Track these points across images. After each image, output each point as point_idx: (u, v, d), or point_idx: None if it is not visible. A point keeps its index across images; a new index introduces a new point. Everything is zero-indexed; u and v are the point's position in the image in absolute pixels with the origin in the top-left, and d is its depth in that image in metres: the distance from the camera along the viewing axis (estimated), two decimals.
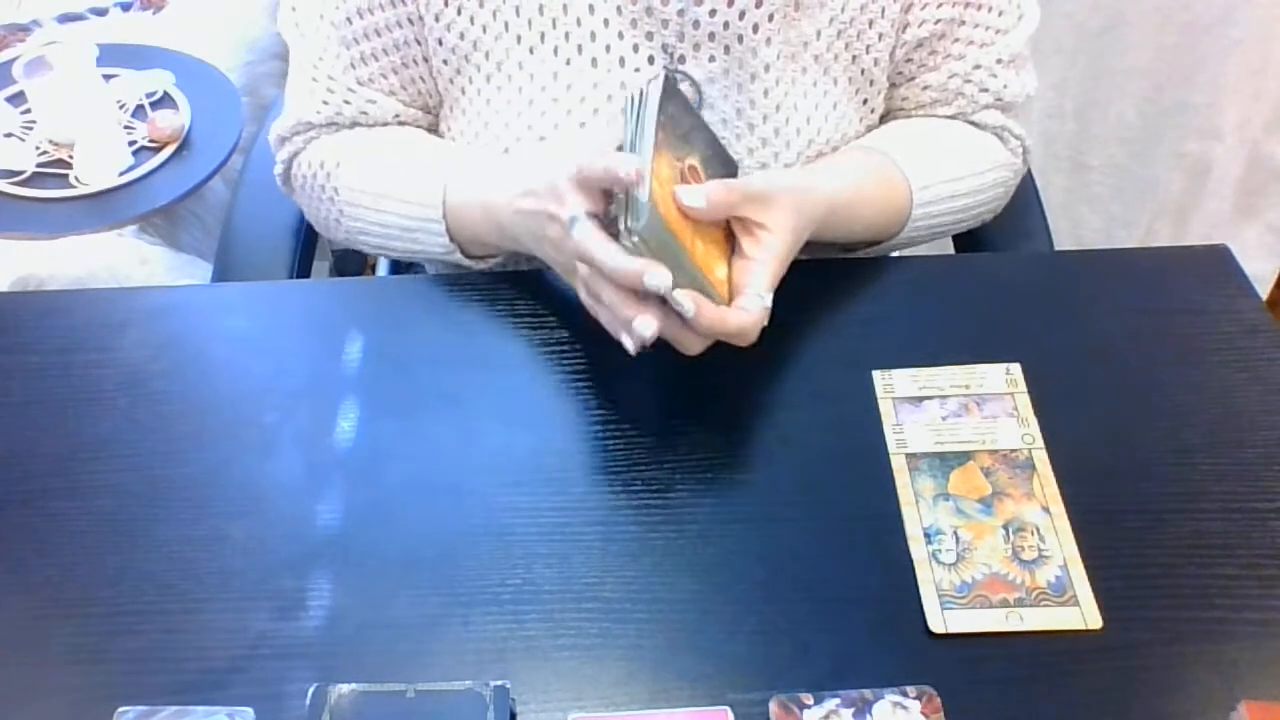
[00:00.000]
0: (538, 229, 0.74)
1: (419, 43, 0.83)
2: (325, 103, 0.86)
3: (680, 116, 0.73)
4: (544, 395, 0.75)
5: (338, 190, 0.86)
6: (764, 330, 0.71)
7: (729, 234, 0.73)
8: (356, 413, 0.74)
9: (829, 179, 0.80)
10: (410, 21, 0.82)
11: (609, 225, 0.69)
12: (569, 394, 0.76)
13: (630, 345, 0.69)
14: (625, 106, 0.71)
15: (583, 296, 0.73)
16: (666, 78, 0.71)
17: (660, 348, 0.71)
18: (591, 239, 0.68)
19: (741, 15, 0.79)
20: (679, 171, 0.71)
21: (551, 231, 0.72)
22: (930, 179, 0.85)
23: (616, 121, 0.72)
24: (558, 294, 0.81)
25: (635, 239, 0.66)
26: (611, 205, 0.70)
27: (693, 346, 0.70)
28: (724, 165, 0.77)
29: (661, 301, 0.67)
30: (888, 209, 0.84)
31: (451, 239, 0.81)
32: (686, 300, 0.66)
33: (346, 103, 0.86)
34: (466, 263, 0.84)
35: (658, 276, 0.65)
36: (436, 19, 0.81)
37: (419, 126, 0.89)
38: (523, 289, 0.82)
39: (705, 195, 0.69)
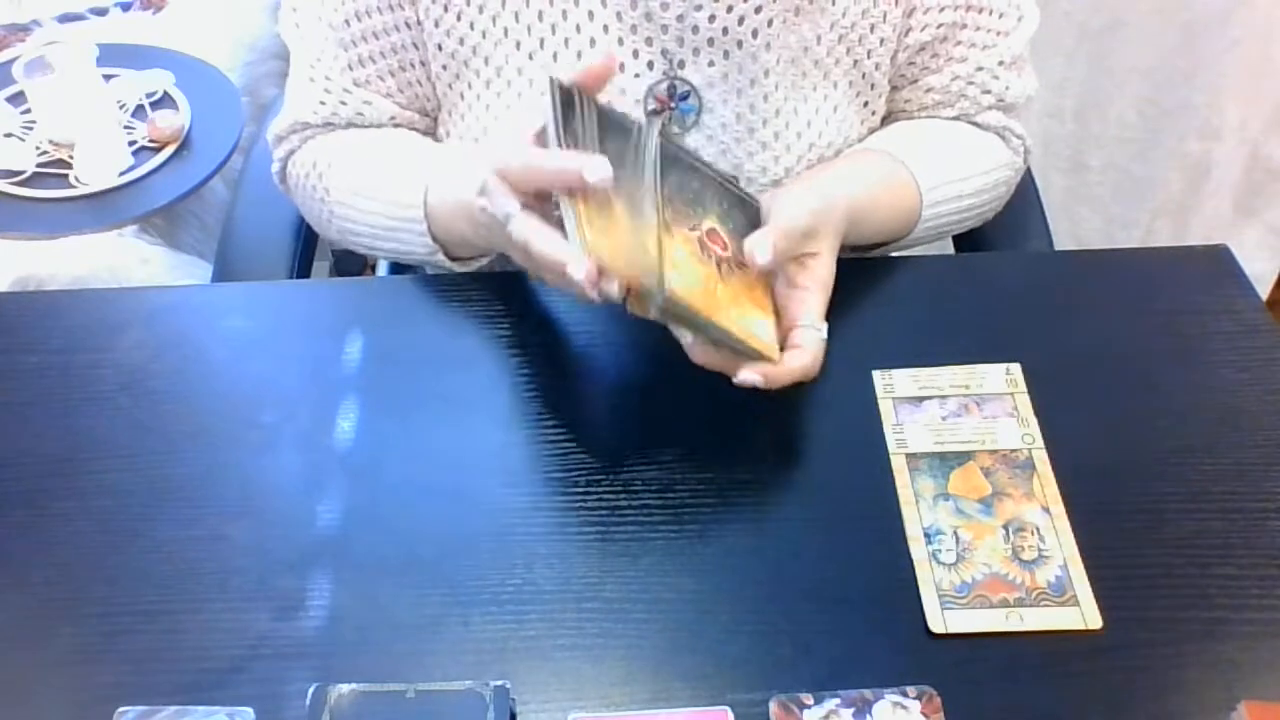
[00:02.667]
0: (491, 226, 0.71)
1: (417, 46, 0.83)
2: (322, 103, 0.86)
3: (686, 181, 0.70)
4: (544, 395, 0.75)
5: (329, 191, 0.86)
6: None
7: (761, 276, 0.71)
8: (356, 413, 0.74)
9: (845, 186, 0.79)
10: (409, 25, 0.82)
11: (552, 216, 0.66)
12: (569, 394, 0.75)
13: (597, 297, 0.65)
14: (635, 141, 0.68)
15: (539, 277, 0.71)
16: (661, 142, 0.68)
17: (660, 349, 0.70)
18: (528, 231, 0.65)
19: (741, 20, 0.79)
20: (698, 241, 0.69)
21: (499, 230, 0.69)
22: (938, 180, 0.85)
23: (543, 102, 0.67)
24: (557, 294, 0.81)
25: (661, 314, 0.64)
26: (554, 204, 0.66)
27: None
28: (743, 209, 0.74)
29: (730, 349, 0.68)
30: (899, 212, 0.84)
31: (434, 239, 0.81)
32: (755, 378, 0.67)
33: (343, 103, 0.86)
34: (449, 264, 0.83)
35: (578, 267, 0.62)
36: (435, 24, 0.81)
37: (415, 129, 0.89)
38: (523, 289, 0.82)
39: (771, 248, 0.67)
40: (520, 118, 0.75)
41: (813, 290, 0.71)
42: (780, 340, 0.70)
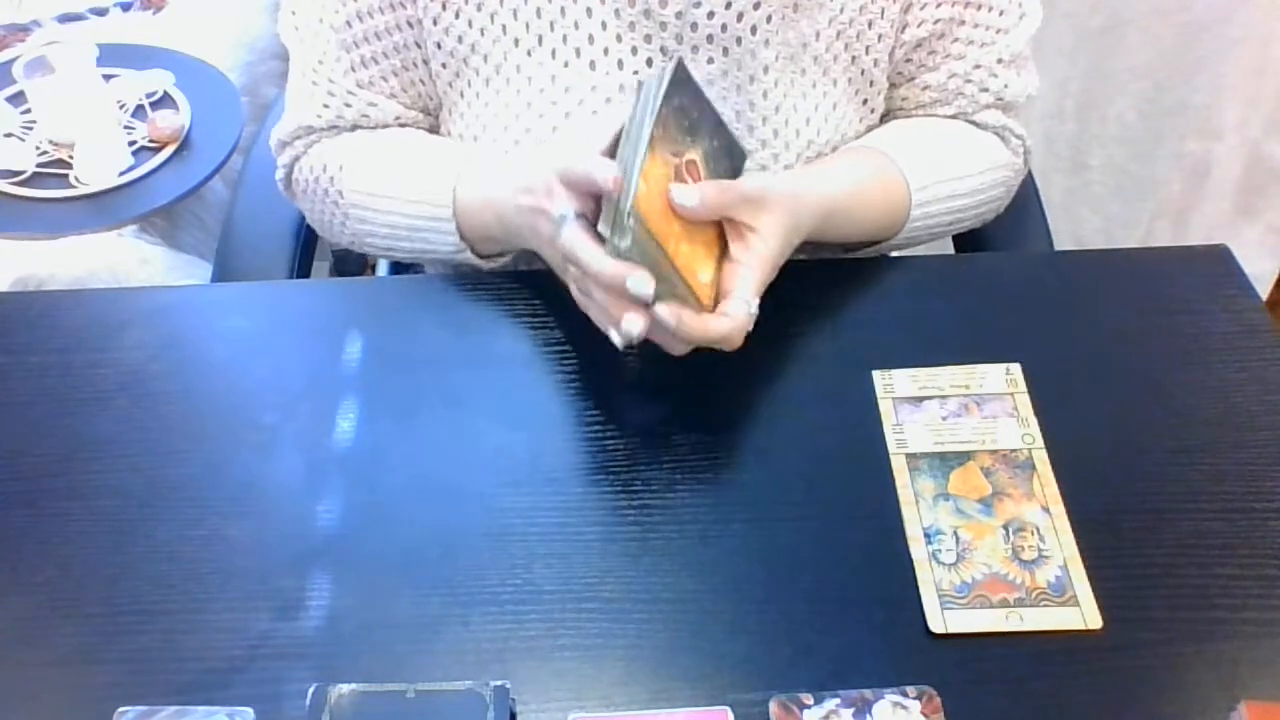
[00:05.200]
0: (535, 225, 0.74)
1: (419, 45, 0.83)
2: (326, 106, 0.86)
3: (688, 107, 0.72)
4: (544, 395, 0.75)
5: (342, 194, 0.86)
6: (763, 330, 0.71)
7: (721, 233, 0.73)
8: (356, 413, 0.74)
9: (827, 181, 0.80)
10: (409, 25, 0.82)
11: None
12: (569, 394, 0.76)
13: (618, 341, 0.69)
14: (635, 94, 0.71)
15: (574, 293, 0.73)
16: (678, 65, 0.70)
17: (660, 350, 0.71)
18: (577, 240, 0.68)
19: (740, 17, 0.79)
20: (675, 168, 0.70)
21: (544, 229, 0.72)
22: (928, 180, 0.84)
23: (621, 111, 0.71)
24: (557, 294, 0.81)
25: (616, 245, 0.66)
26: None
27: (676, 349, 0.71)
28: (730, 156, 0.76)
29: (648, 304, 0.68)
30: (886, 210, 0.84)
31: (461, 238, 0.81)
32: (667, 314, 0.67)
33: (347, 105, 0.86)
34: (476, 262, 0.84)
35: (639, 282, 0.66)
36: (435, 22, 0.81)
37: (419, 128, 0.89)
38: (523, 289, 0.82)
39: (700, 196, 0.69)
40: (590, 126, 0.76)
41: (749, 266, 0.71)
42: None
